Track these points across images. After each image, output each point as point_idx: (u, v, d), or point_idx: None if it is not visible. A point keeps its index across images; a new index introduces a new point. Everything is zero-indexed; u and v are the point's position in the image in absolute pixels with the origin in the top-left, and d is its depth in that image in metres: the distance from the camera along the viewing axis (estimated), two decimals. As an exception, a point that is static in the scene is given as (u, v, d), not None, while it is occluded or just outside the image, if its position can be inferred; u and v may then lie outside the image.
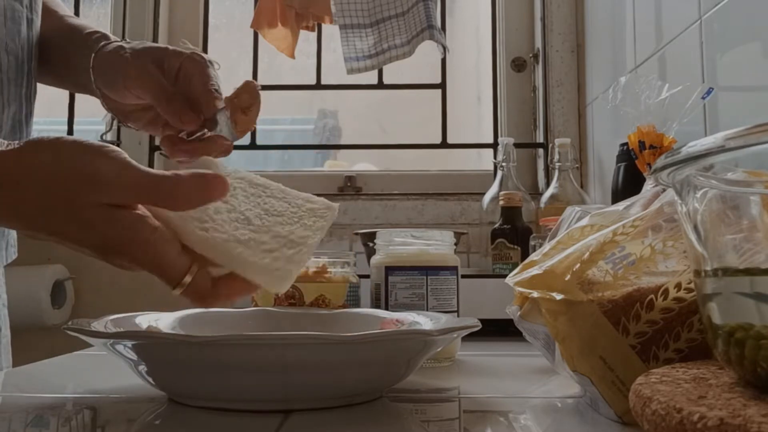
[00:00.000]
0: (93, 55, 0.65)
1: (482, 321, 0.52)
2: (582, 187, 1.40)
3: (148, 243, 0.43)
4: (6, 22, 0.65)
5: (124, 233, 0.43)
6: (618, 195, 0.95)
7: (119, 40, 0.67)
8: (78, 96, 1.52)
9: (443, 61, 1.61)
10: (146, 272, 0.45)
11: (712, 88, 0.77)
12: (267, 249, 0.47)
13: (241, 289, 0.47)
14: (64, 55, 0.72)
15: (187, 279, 0.44)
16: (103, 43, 0.66)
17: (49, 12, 0.75)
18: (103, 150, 0.44)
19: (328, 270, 0.71)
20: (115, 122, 0.68)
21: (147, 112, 0.66)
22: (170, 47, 0.64)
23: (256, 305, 0.71)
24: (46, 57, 0.74)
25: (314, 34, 1.59)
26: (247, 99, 0.62)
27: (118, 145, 0.62)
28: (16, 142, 0.45)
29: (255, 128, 1.62)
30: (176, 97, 0.61)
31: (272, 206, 0.51)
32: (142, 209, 0.45)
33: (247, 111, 0.62)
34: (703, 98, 0.77)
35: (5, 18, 0.65)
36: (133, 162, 0.44)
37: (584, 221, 0.49)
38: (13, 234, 0.74)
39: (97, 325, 0.50)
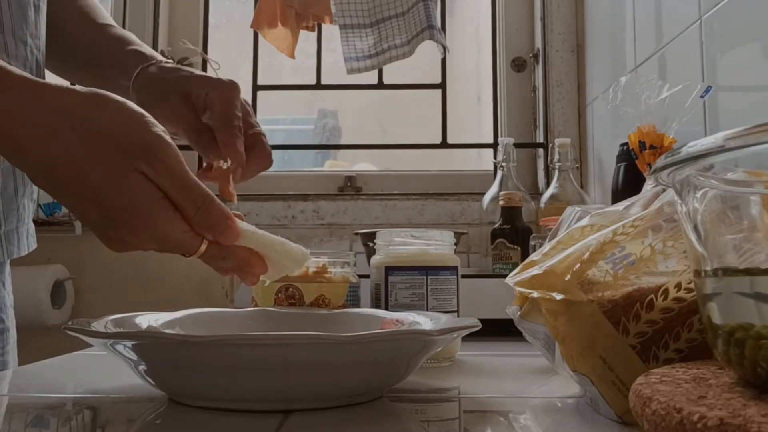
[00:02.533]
0: (130, 86, 0.66)
1: (482, 321, 0.52)
2: (582, 187, 1.40)
3: (170, 218, 0.46)
4: (12, 7, 0.65)
5: (153, 202, 0.45)
6: (618, 195, 0.95)
7: (153, 60, 0.67)
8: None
9: (443, 61, 1.61)
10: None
11: (711, 87, 0.77)
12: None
13: (251, 256, 0.51)
14: (98, 66, 0.73)
15: (203, 247, 0.48)
16: (137, 71, 0.66)
17: (89, 21, 0.75)
18: (167, 138, 0.47)
19: (328, 270, 0.71)
20: None
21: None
22: (198, 74, 0.64)
23: (256, 305, 0.71)
24: (80, 65, 0.75)
25: (314, 34, 1.59)
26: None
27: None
28: (80, 87, 0.47)
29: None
30: (204, 130, 0.62)
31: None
32: None
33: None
34: (702, 97, 0.77)
35: (10, 3, 0.65)
36: (184, 160, 0.47)
37: (584, 221, 0.49)
38: (32, 224, 0.74)
39: (97, 325, 0.50)
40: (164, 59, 0.68)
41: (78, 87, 0.47)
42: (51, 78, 0.76)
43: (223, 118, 0.60)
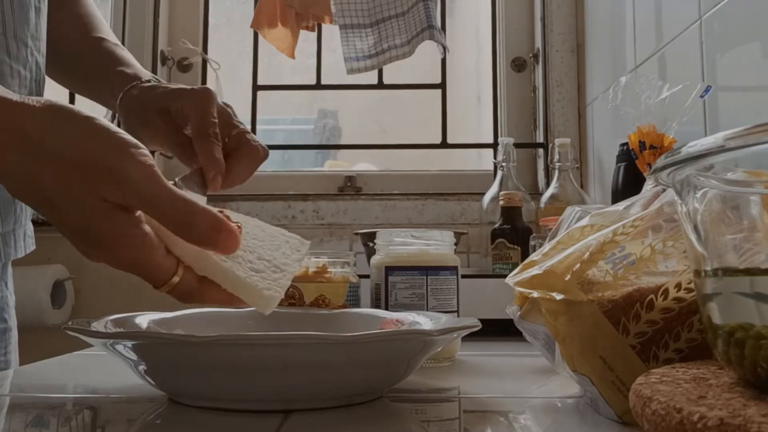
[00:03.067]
0: (118, 103, 0.66)
1: (482, 321, 0.52)
2: (582, 187, 1.40)
3: (137, 247, 0.43)
4: (14, 9, 0.66)
5: (117, 232, 0.43)
6: (618, 195, 0.94)
7: (135, 81, 0.66)
8: (77, 96, 1.52)
9: (443, 61, 1.61)
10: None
11: (711, 87, 0.77)
12: (254, 269, 0.48)
13: (225, 298, 0.47)
14: (86, 77, 0.73)
15: (175, 279, 0.45)
16: (120, 96, 0.66)
17: (87, 33, 0.75)
18: (132, 150, 0.43)
19: (328, 270, 0.71)
20: (116, 120, 0.68)
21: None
22: (171, 88, 0.63)
23: (256, 305, 0.71)
24: (71, 73, 0.75)
25: (314, 34, 1.59)
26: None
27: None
28: (33, 100, 0.44)
29: (255, 128, 1.62)
30: (187, 143, 0.60)
31: (252, 232, 0.53)
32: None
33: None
34: (702, 96, 0.77)
35: (12, 5, 0.65)
36: (159, 173, 0.44)
37: (584, 221, 0.49)
38: (30, 225, 0.74)
39: (97, 325, 0.50)
40: (146, 78, 0.68)
41: (35, 101, 0.43)
42: (51, 83, 0.76)
43: (198, 128, 0.58)
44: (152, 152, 0.64)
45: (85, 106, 0.72)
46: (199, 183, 0.55)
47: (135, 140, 0.44)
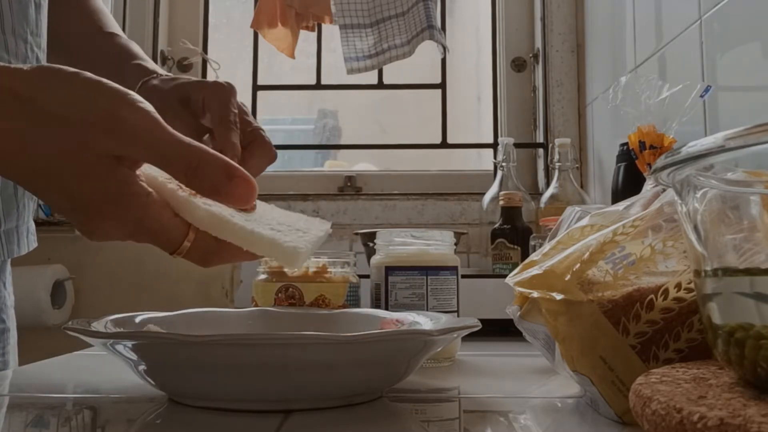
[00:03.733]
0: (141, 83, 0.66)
1: (482, 321, 0.52)
2: (582, 187, 1.40)
3: (141, 206, 0.40)
4: (12, 5, 0.66)
5: (119, 191, 0.40)
6: (618, 195, 0.95)
7: (154, 73, 0.67)
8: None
9: (443, 61, 1.61)
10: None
11: (710, 86, 0.77)
12: (274, 229, 0.46)
13: (246, 255, 0.45)
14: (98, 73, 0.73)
15: (186, 244, 0.43)
16: (138, 85, 0.66)
17: (96, 28, 0.75)
18: (129, 97, 0.41)
19: (328, 270, 0.71)
20: None
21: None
22: (195, 80, 0.64)
23: (256, 305, 0.71)
24: (108, 76, 0.75)
25: (314, 34, 1.59)
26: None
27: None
28: (26, 66, 0.41)
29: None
30: (205, 132, 0.61)
31: (268, 208, 0.51)
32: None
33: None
34: (702, 96, 0.77)
35: (11, 1, 0.65)
36: (159, 117, 0.41)
37: (584, 221, 0.49)
38: (32, 222, 0.74)
39: (97, 325, 0.50)
40: (165, 73, 0.69)
41: (25, 66, 0.41)
42: None
43: (219, 115, 0.59)
44: None
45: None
46: None
47: (128, 90, 0.41)
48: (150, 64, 0.71)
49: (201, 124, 0.63)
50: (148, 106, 0.41)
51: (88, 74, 0.41)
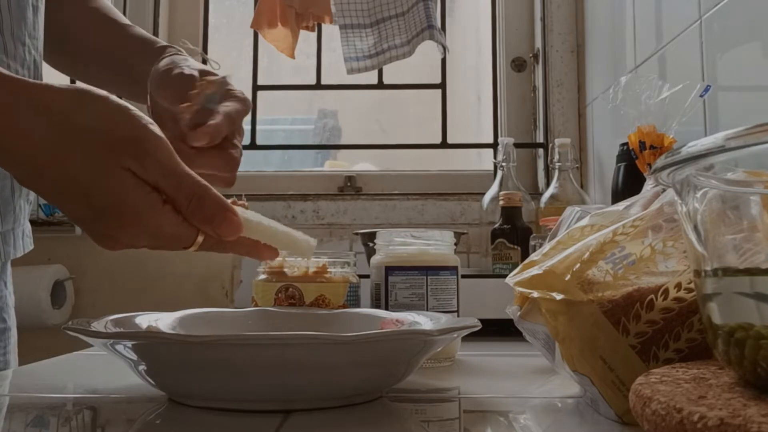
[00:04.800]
0: (158, 61, 0.67)
1: (482, 321, 0.52)
2: (582, 187, 1.40)
3: (162, 214, 0.45)
4: (11, 8, 0.66)
5: (140, 202, 0.44)
6: (618, 195, 0.94)
7: (185, 56, 0.69)
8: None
9: (443, 61, 1.60)
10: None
11: (710, 86, 0.77)
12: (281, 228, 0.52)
13: (253, 242, 0.50)
14: (128, 67, 0.74)
15: (200, 240, 0.47)
16: (173, 53, 0.68)
17: (111, 22, 0.76)
18: (154, 129, 0.45)
19: (328, 270, 0.71)
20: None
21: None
22: (223, 79, 0.65)
23: (256, 305, 0.71)
24: (107, 66, 0.76)
25: (314, 34, 1.59)
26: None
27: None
28: (69, 86, 0.45)
29: (255, 128, 1.62)
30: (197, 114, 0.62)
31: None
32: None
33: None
34: (701, 96, 0.77)
35: (9, 3, 0.65)
36: (173, 150, 0.46)
37: (584, 221, 0.49)
38: (29, 224, 0.74)
39: (97, 325, 0.50)
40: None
41: (57, 84, 0.46)
42: (54, 78, 0.76)
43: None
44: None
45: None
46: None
47: (151, 119, 0.46)
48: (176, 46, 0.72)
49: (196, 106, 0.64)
50: (166, 142, 0.46)
51: (116, 98, 0.46)
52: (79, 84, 0.46)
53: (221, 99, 0.62)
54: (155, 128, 0.46)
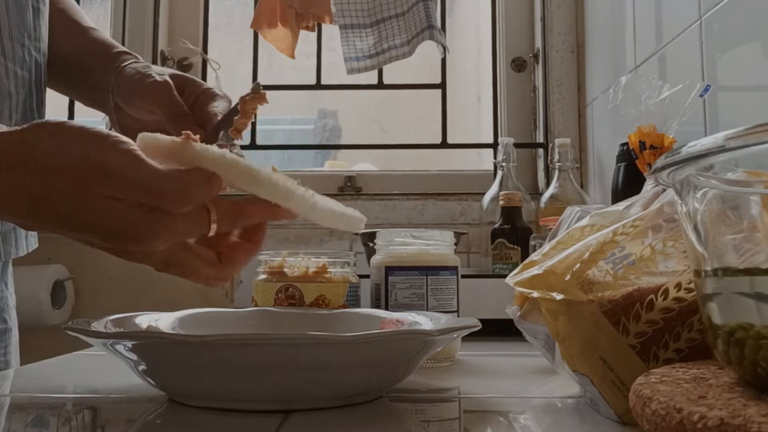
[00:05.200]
0: (118, 69, 0.67)
1: (482, 321, 0.52)
2: (582, 187, 1.40)
3: (169, 217, 0.43)
4: (10, 9, 0.66)
5: (133, 215, 0.43)
6: (618, 195, 0.94)
7: (146, 63, 0.69)
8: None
9: (443, 61, 1.60)
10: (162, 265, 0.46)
11: (710, 85, 0.77)
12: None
13: (265, 209, 0.48)
14: (85, 71, 0.73)
15: (214, 226, 0.46)
16: (131, 60, 0.68)
17: (73, 25, 0.76)
18: (110, 140, 0.43)
19: (328, 270, 0.71)
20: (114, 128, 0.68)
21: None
22: (196, 79, 0.66)
23: (256, 305, 0.71)
24: (67, 70, 0.75)
25: (314, 34, 1.59)
26: (252, 106, 0.62)
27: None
28: (17, 127, 0.44)
29: (255, 128, 1.62)
30: (187, 117, 0.62)
31: None
32: None
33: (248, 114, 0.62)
34: (701, 96, 0.77)
35: (8, 5, 0.65)
36: (142, 155, 0.43)
37: (584, 221, 0.49)
38: None
39: (97, 325, 0.50)
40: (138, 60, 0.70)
41: (18, 128, 0.44)
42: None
43: (211, 110, 0.62)
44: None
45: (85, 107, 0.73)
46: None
47: (107, 132, 0.44)
48: (133, 52, 0.72)
49: (183, 110, 0.64)
50: (129, 145, 0.44)
51: (71, 123, 0.44)
52: (34, 122, 0.45)
53: (205, 101, 0.63)
54: (113, 140, 0.43)
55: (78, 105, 1.57)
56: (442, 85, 1.61)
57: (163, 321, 0.58)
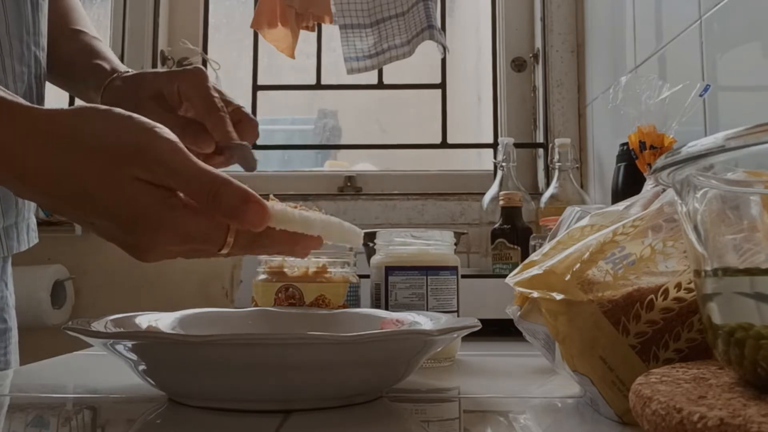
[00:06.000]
0: (100, 97, 0.66)
1: (482, 321, 0.52)
2: (582, 187, 1.40)
3: (186, 216, 0.43)
4: (7, 4, 0.65)
5: (163, 207, 0.43)
6: (618, 195, 0.94)
7: (114, 73, 0.67)
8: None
9: (443, 61, 1.61)
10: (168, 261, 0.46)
11: (709, 85, 0.77)
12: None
13: (288, 239, 0.47)
14: (71, 82, 0.74)
15: (230, 240, 0.45)
16: (103, 88, 0.66)
17: (72, 30, 0.75)
18: (159, 130, 0.44)
19: (328, 270, 0.71)
20: None
21: None
22: (162, 72, 0.64)
23: (256, 305, 0.71)
24: (61, 71, 0.75)
25: (314, 34, 1.59)
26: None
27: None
28: (62, 108, 0.45)
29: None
30: (189, 125, 0.61)
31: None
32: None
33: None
34: (701, 95, 0.77)
35: (4, 1, 0.65)
36: (183, 147, 0.44)
37: (584, 221, 0.49)
38: (33, 218, 0.74)
39: (97, 325, 0.50)
40: (126, 70, 0.68)
41: (59, 109, 0.45)
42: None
43: (204, 104, 0.59)
44: None
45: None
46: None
47: (154, 121, 0.45)
48: (109, 64, 0.70)
49: (178, 116, 0.62)
50: (173, 137, 0.44)
51: (120, 110, 0.45)
52: (82, 105, 0.46)
53: (236, 119, 0.61)
54: (161, 130, 0.44)
55: (78, 103, 1.57)
56: (442, 85, 1.61)
57: (163, 321, 0.57)
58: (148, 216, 0.43)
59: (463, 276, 0.74)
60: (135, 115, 0.45)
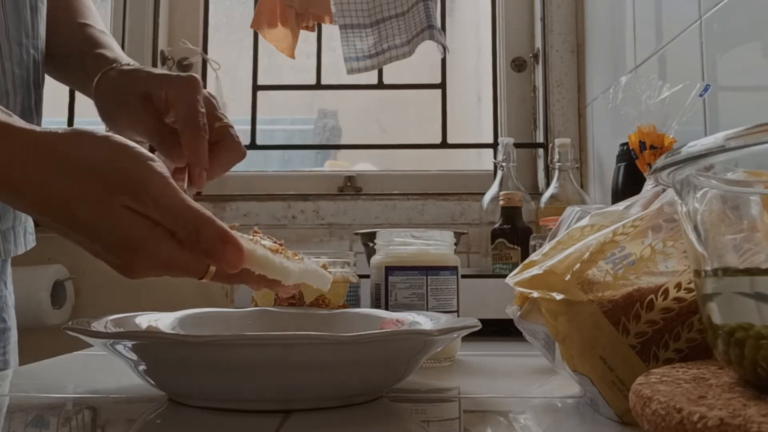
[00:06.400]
0: (92, 92, 0.65)
1: (482, 321, 0.52)
2: (582, 187, 1.40)
3: (168, 244, 0.45)
4: (7, 7, 0.65)
5: (146, 235, 0.44)
6: (618, 195, 0.94)
7: (114, 63, 0.66)
8: (78, 96, 1.52)
9: (443, 61, 1.60)
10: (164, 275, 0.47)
11: (709, 85, 0.77)
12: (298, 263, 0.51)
13: (263, 280, 0.48)
14: (70, 73, 0.74)
15: (212, 269, 0.47)
16: (97, 77, 0.65)
17: (79, 24, 0.75)
18: (152, 163, 0.46)
19: (328, 270, 0.71)
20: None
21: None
22: (156, 73, 0.62)
23: (256, 305, 0.71)
24: (62, 65, 0.75)
25: (314, 34, 1.59)
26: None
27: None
28: (60, 129, 0.46)
29: (255, 128, 1.62)
30: (168, 133, 0.60)
31: None
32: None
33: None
34: (701, 95, 0.77)
35: (4, 4, 0.65)
36: (173, 182, 0.46)
37: (584, 221, 0.49)
38: (31, 221, 0.74)
39: (97, 325, 0.50)
40: (127, 62, 0.67)
41: (59, 129, 0.46)
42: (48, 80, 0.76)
43: (185, 118, 0.58)
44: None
45: (85, 104, 0.71)
46: (183, 178, 0.57)
47: (150, 153, 0.46)
48: (111, 53, 0.69)
49: (162, 123, 0.61)
50: (166, 171, 0.46)
51: (117, 137, 0.47)
52: (78, 128, 0.47)
53: (218, 137, 0.60)
54: (155, 164, 0.45)
55: (78, 105, 1.57)
56: (442, 85, 1.61)
57: (163, 321, 0.58)
58: (132, 242, 0.44)
59: (463, 276, 0.74)
60: (132, 144, 0.46)
